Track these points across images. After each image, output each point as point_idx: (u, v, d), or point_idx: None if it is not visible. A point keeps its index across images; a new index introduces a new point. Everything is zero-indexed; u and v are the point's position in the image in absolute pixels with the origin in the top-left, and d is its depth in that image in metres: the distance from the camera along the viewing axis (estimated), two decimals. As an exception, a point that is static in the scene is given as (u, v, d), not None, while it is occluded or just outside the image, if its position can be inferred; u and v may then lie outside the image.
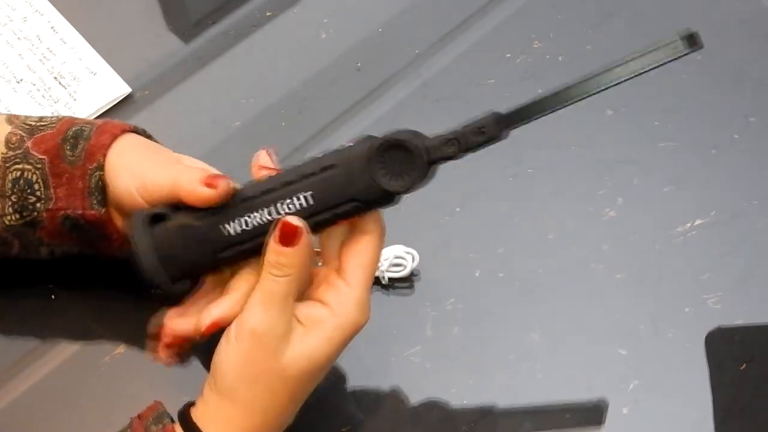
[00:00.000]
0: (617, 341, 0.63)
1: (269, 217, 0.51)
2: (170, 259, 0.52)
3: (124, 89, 0.75)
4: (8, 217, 0.58)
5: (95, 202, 0.57)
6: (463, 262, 0.67)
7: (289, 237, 0.51)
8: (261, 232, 0.52)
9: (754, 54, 0.77)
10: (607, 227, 0.68)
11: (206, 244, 0.52)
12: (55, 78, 0.75)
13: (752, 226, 0.68)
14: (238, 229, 0.52)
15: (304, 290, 0.53)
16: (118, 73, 0.75)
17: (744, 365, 0.62)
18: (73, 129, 0.58)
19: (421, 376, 0.62)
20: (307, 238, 0.51)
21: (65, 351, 0.63)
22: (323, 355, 0.52)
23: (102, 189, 0.57)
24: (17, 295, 0.65)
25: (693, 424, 0.60)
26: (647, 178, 0.70)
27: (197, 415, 0.52)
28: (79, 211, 0.57)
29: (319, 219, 0.52)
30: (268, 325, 0.50)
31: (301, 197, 0.51)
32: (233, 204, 0.52)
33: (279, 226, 0.51)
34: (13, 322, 0.64)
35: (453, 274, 0.66)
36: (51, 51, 0.77)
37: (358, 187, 0.51)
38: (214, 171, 0.55)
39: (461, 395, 0.61)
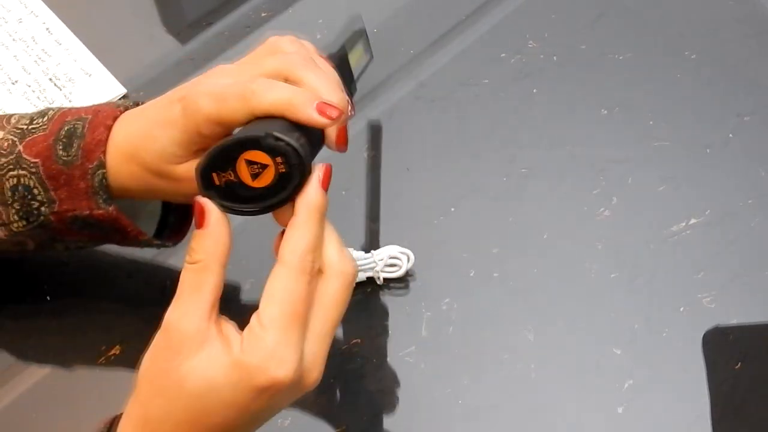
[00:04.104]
0: (612, 341, 0.63)
1: None
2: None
3: (119, 90, 0.75)
4: (15, 225, 0.57)
5: (101, 201, 0.55)
6: (458, 262, 0.67)
7: (198, 217, 0.46)
8: None
9: (748, 53, 0.77)
10: (602, 227, 0.68)
11: None
12: (50, 79, 0.75)
13: (747, 225, 0.68)
14: None
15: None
16: (113, 74, 0.76)
17: (739, 364, 0.62)
18: (65, 128, 0.56)
19: (416, 376, 0.62)
20: (217, 221, 0.46)
21: (60, 352, 0.63)
22: (221, 394, 0.43)
23: (107, 187, 0.55)
24: (12, 296, 0.65)
25: (688, 423, 0.60)
26: (642, 178, 0.71)
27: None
28: (86, 212, 0.56)
29: None
30: (175, 318, 0.45)
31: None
32: None
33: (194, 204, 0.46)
34: (7, 323, 0.64)
35: (448, 274, 0.66)
36: (46, 52, 0.77)
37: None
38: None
39: (456, 395, 0.62)
